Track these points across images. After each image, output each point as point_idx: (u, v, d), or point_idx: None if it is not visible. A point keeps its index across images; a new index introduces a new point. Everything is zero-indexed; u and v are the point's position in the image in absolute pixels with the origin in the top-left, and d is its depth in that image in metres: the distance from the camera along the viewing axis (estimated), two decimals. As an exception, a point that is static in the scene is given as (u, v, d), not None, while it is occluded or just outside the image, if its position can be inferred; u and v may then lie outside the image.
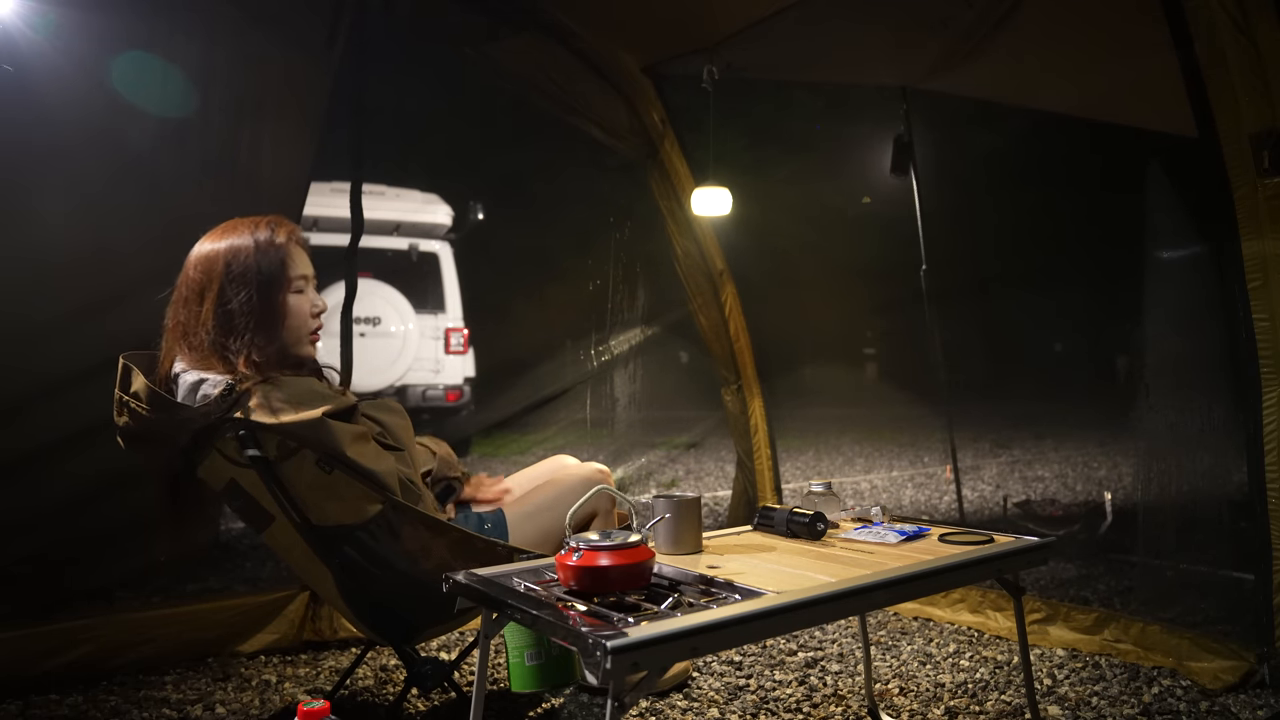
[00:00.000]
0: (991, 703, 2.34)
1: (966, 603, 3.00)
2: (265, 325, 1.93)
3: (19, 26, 2.48)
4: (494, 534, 2.04)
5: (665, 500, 1.76)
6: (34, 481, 2.78)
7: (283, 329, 1.97)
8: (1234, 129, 2.26)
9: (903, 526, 1.96)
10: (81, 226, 2.76)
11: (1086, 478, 6.14)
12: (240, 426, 1.83)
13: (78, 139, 2.69)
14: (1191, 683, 2.37)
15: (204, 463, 1.94)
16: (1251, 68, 2.23)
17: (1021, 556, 1.84)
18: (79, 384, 2.81)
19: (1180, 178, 3.41)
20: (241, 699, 2.40)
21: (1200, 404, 3.28)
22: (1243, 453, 2.34)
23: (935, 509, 5.32)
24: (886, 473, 6.97)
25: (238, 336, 1.91)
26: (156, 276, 2.92)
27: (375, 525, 1.91)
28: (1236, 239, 2.28)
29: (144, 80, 2.68)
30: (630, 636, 1.22)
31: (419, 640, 2.19)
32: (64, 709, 2.30)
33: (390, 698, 2.39)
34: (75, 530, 2.91)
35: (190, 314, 1.96)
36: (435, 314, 7.83)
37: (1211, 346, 2.70)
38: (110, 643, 2.51)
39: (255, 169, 3.05)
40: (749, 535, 1.95)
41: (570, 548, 1.47)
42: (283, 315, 1.97)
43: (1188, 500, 3.35)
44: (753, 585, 1.49)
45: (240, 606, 2.74)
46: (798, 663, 2.67)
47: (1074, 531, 4.09)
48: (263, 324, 1.93)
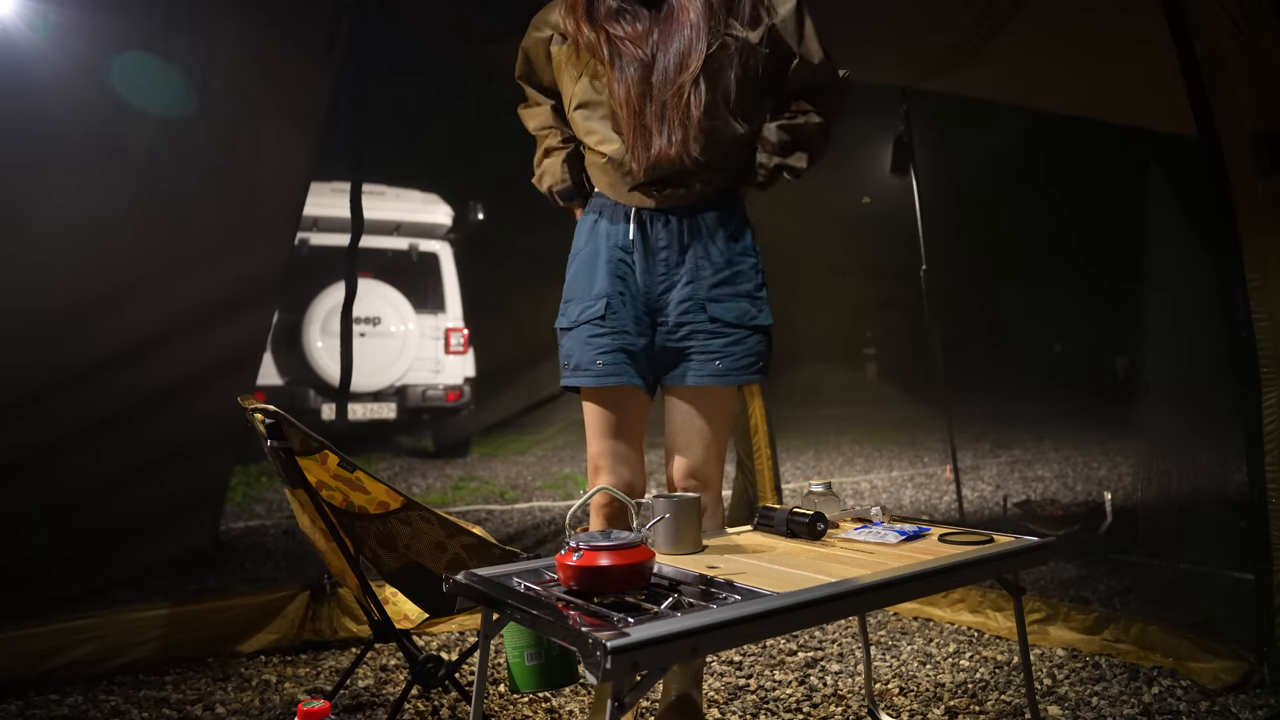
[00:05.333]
0: (991, 703, 2.34)
1: (966, 603, 3.00)
2: None
3: (19, 26, 2.48)
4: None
5: (665, 500, 1.76)
6: (34, 481, 2.79)
7: None
8: (1234, 129, 2.26)
9: (903, 526, 1.96)
10: (81, 226, 2.76)
11: (1086, 478, 6.14)
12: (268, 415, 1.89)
13: (78, 139, 2.70)
14: (1191, 683, 2.36)
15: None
16: (1251, 68, 2.24)
17: (1021, 556, 1.84)
18: (79, 384, 2.82)
19: (1180, 178, 3.41)
20: (241, 699, 2.40)
21: (1200, 404, 3.28)
22: (1243, 453, 2.34)
23: (935, 509, 5.32)
24: (886, 473, 6.97)
25: None
26: (156, 276, 2.94)
27: (394, 518, 1.97)
28: (1236, 239, 2.28)
29: (144, 80, 2.69)
30: (630, 636, 1.22)
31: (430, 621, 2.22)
32: (64, 709, 2.30)
33: (390, 698, 2.39)
34: (75, 530, 2.91)
35: None
36: (435, 314, 7.83)
37: (1211, 346, 2.69)
38: (110, 643, 2.51)
39: (255, 169, 3.06)
40: (749, 535, 1.95)
41: (570, 548, 1.47)
42: None
43: (1188, 500, 3.35)
44: (753, 585, 1.48)
45: (240, 606, 2.74)
46: (798, 663, 2.67)
47: (1074, 531, 4.09)
48: None
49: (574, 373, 1.97)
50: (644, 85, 1.83)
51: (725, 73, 1.85)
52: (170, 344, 2.96)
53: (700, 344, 1.92)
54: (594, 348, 1.93)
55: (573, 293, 2.00)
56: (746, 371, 1.93)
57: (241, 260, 3.12)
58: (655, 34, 1.85)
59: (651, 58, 1.84)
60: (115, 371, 2.88)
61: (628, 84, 1.84)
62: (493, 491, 6.14)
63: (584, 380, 1.95)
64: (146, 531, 3.13)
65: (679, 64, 1.82)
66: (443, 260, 7.97)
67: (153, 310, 2.92)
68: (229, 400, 2.34)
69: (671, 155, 1.83)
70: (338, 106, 3.12)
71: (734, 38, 1.86)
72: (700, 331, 1.92)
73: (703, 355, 1.92)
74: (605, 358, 1.92)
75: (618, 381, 1.93)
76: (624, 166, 1.89)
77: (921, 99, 4.05)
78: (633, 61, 1.84)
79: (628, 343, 1.93)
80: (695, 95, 1.81)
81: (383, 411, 7.41)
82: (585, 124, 1.93)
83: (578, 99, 1.93)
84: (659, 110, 1.83)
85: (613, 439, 1.98)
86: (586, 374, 1.94)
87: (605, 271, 1.93)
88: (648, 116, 1.83)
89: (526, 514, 5.28)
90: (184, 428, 3.11)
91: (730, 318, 1.91)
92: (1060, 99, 3.76)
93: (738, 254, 1.94)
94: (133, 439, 2.97)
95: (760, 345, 1.95)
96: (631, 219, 1.93)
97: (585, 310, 1.95)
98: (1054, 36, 3.05)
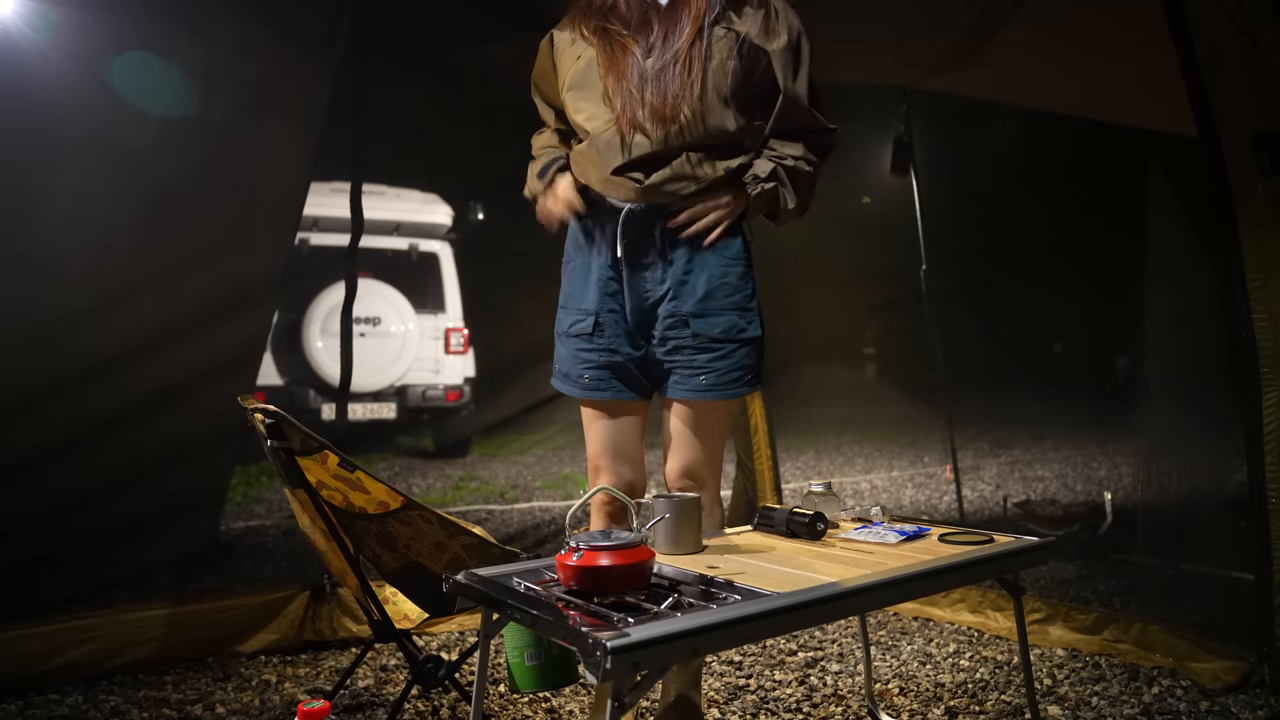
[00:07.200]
0: (991, 703, 2.34)
1: (966, 603, 3.00)
2: None
3: (19, 26, 2.48)
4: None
5: (665, 500, 1.76)
6: (34, 481, 2.79)
7: None
8: (1234, 129, 2.26)
9: (903, 526, 1.96)
10: (81, 226, 2.76)
11: (1086, 478, 6.14)
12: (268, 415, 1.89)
13: (78, 139, 2.70)
14: (1191, 683, 2.36)
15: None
16: (1251, 68, 2.23)
17: (1021, 556, 1.84)
18: (80, 384, 2.82)
19: (1180, 178, 3.41)
20: (241, 699, 2.40)
21: (1200, 404, 3.28)
22: (1243, 453, 2.34)
23: (935, 509, 5.32)
24: (886, 473, 6.97)
25: None
26: (156, 276, 2.93)
27: (394, 518, 1.98)
28: (1236, 239, 2.28)
29: (144, 80, 2.68)
30: (630, 636, 1.22)
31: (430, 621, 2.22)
32: (64, 709, 2.30)
33: (390, 698, 2.39)
34: (76, 531, 2.91)
35: None
36: (435, 314, 7.83)
37: (1211, 346, 2.69)
38: (110, 643, 2.51)
39: (255, 169, 3.06)
40: (749, 535, 1.95)
41: (570, 548, 1.47)
42: None
43: (1188, 500, 3.35)
44: (753, 585, 1.48)
45: (240, 606, 2.74)
46: (798, 663, 2.67)
47: (1074, 531, 4.08)
48: None
49: (563, 380, 2.01)
50: (641, 67, 1.84)
51: (722, 62, 1.85)
52: (170, 344, 2.96)
53: (685, 359, 1.91)
54: (581, 362, 1.96)
55: (566, 301, 2.01)
56: (732, 386, 1.91)
57: (241, 260, 3.12)
58: (656, 23, 1.87)
59: (650, 45, 1.85)
60: (116, 371, 2.88)
61: (623, 66, 1.85)
62: (493, 491, 6.14)
63: (572, 390, 1.99)
64: (147, 531, 3.13)
65: (675, 52, 1.83)
66: (443, 260, 7.97)
67: (153, 310, 2.92)
68: (229, 400, 2.34)
69: (665, 113, 1.81)
70: (338, 106, 3.12)
71: (734, 32, 1.86)
72: (685, 347, 1.90)
73: (687, 370, 1.91)
74: (592, 373, 1.95)
75: (602, 396, 1.96)
76: (611, 142, 1.86)
77: (921, 99, 4.05)
78: (631, 47, 1.86)
79: (616, 359, 1.94)
80: (690, 75, 1.82)
81: (383, 411, 7.41)
82: (575, 103, 1.93)
83: (571, 81, 1.93)
84: (655, 81, 1.83)
85: (611, 440, 1.99)
86: (575, 385, 1.98)
87: (595, 290, 1.93)
88: (643, 89, 1.83)
89: (526, 514, 5.28)
90: (184, 428, 3.11)
91: (716, 332, 1.89)
92: (1060, 99, 3.76)
93: (727, 263, 1.91)
94: (133, 439, 2.97)
95: (749, 358, 1.92)
96: (619, 228, 1.89)
97: (575, 324, 1.96)
98: (1054, 35, 3.05)
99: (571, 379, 1.98)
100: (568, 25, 1.99)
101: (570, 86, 1.93)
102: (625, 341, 1.94)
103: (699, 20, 1.84)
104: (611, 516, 2.04)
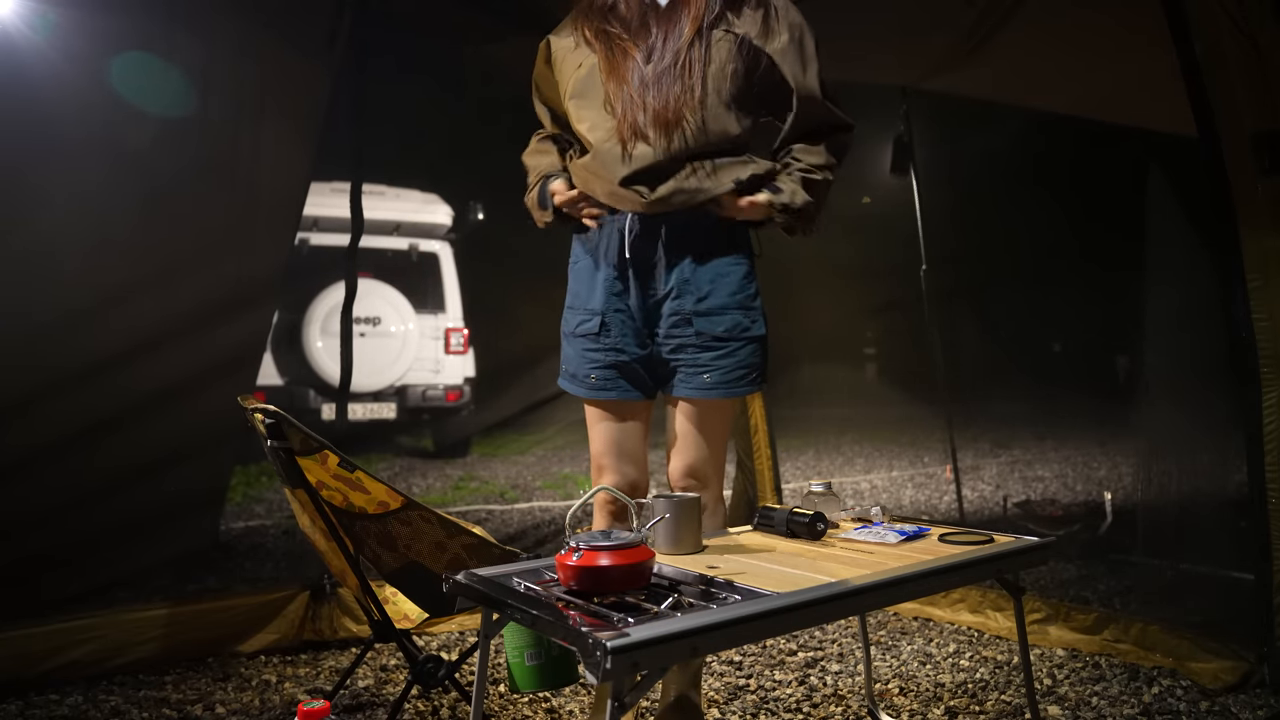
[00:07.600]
0: (991, 703, 2.34)
1: (966, 603, 3.00)
2: None
3: (19, 26, 2.48)
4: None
5: (665, 500, 1.76)
6: (33, 481, 2.79)
7: None
8: (1234, 129, 2.26)
9: (903, 526, 1.96)
10: (80, 226, 2.76)
11: (1086, 478, 6.14)
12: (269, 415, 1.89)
13: (77, 139, 2.70)
14: (1191, 683, 2.36)
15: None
16: (1251, 68, 2.23)
17: (1021, 556, 1.84)
18: (79, 384, 2.82)
19: (1180, 178, 3.41)
20: (241, 699, 2.40)
21: (1200, 404, 3.28)
22: (1243, 453, 2.34)
23: (935, 509, 5.32)
24: (886, 473, 6.97)
25: None
26: (156, 276, 2.93)
27: (393, 518, 1.98)
28: (1236, 239, 2.28)
29: (143, 80, 2.68)
30: (630, 636, 1.22)
31: (430, 621, 2.22)
32: (64, 709, 2.30)
33: (390, 698, 2.39)
34: (76, 531, 2.91)
35: None
36: (435, 314, 7.82)
37: (1211, 346, 2.69)
38: (110, 643, 2.51)
39: (255, 169, 3.06)
40: (749, 535, 1.95)
41: (570, 548, 1.47)
42: None
43: (1188, 500, 3.35)
44: (753, 585, 1.48)
45: (240, 606, 2.74)
46: (798, 663, 2.67)
47: (1074, 531, 4.08)
48: None
49: (570, 380, 2.02)
50: (641, 71, 1.84)
51: (722, 66, 1.85)
52: (170, 344, 2.96)
53: (689, 358, 1.91)
54: (588, 361, 1.96)
55: (573, 301, 2.02)
56: (737, 384, 1.91)
57: (241, 260, 3.12)
58: (655, 25, 1.86)
59: (650, 48, 1.85)
60: (116, 371, 2.88)
61: (624, 71, 1.84)
62: (493, 491, 6.14)
63: (578, 390, 2.00)
64: (146, 531, 3.13)
65: (675, 54, 1.83)
66: (443, 260, 7.97)
67: (152, 310, 2.92)
68: (229, 400, 2.34)
69: (667, 117, 1.81)
70: (338, 106, 3.12)
71: (733, 34, 1.86)
72: (688, 345, 1.91)
73: (690, 369, 1.92)
74: (598, 373, 1.95)
75: (608, 396, 1.96)
76: (613, 152, 1.85)
77: (921, 99, 4.05)
78: (632, 52, 1.86)
79: (622, 359, 1.94)
80: (690, 78, 1.82)
81: (383, 411, 7.41)
82: (578, 112, 1.93)
83: (574, 89, 1.93)
84: (656, 85, 1.83)
85: (615, 440, 1.99)
86: (581, 385, 1.98)
87: (602, 290, 1.94)
88: (644, 94, 1.83)
89: (526, 514, 5.28)
90: (184, 428, 3.11)
91: (719, 330, 1.89)
92: (1060, 99, 3.76)
93: (730, 264, 1.92)
94: (133, 439, 2.96)
95: (754, 356, 1.93)
96: (625, 232, 1.90)
97: (582, 324, 1.97)
98: (1054, 35, 3.05)
99: (578, 379, 1.99)
100: (569, 27, 1.98)
101: (573, 95, 1.93)
102: (632, 341, 1.94)
103: (698, 21, 1.84)
104: (614, 515, 2.04)
